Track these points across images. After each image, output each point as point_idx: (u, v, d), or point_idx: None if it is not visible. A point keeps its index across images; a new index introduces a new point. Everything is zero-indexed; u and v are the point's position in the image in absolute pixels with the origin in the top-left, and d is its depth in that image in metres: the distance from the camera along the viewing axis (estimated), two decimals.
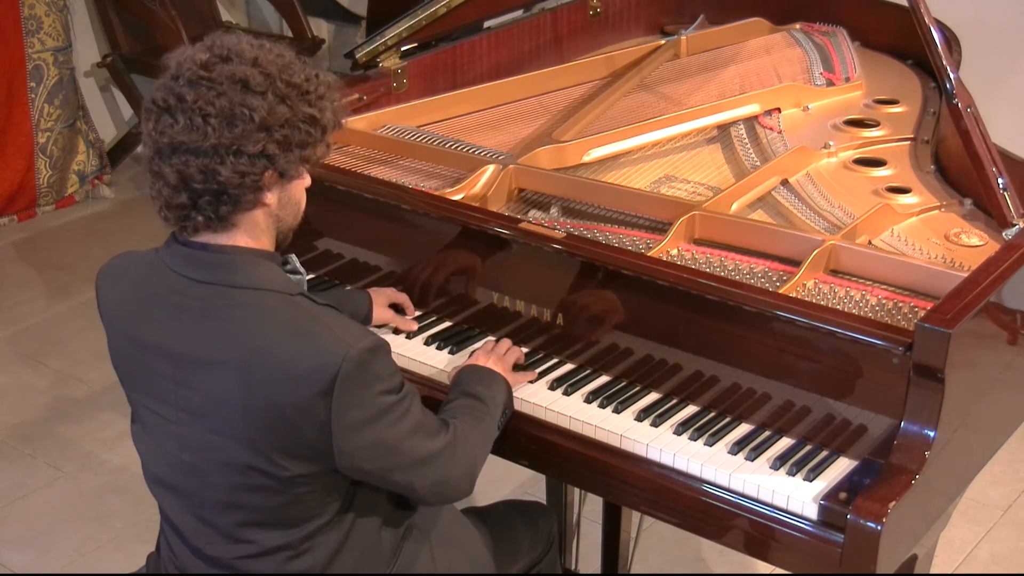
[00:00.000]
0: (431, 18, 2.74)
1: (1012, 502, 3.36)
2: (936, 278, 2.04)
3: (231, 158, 1.70)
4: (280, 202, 1.79)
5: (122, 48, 5.12)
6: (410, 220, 2.30)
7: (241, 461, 1.76)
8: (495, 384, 2.03)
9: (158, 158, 1.73)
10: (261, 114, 1.70)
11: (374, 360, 1.74)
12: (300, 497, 1.80)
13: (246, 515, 1.82)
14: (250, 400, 1.72)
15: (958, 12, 3.19)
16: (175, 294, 1.78)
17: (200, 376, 1.76)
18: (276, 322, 1.74)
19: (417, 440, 1.81)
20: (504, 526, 2.20)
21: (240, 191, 1.73)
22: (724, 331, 2.01)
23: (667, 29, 3.26)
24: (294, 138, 1.74)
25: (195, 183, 1.71)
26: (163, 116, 1.72)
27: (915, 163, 2.54)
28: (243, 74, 1.71)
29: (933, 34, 2.31)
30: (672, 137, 2.62)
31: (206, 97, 1.69)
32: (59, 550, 3.18)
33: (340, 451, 1.75)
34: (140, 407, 1.88)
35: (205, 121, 1.69)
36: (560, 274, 2.16)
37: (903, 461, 1.83)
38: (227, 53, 1.73)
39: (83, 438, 3.61)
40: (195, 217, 1.75)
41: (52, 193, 4.96)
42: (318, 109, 1.77)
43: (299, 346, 1.71)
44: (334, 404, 1.70)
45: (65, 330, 4.19)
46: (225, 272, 1.76)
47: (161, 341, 1.79)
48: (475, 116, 2.72)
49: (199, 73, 1.71)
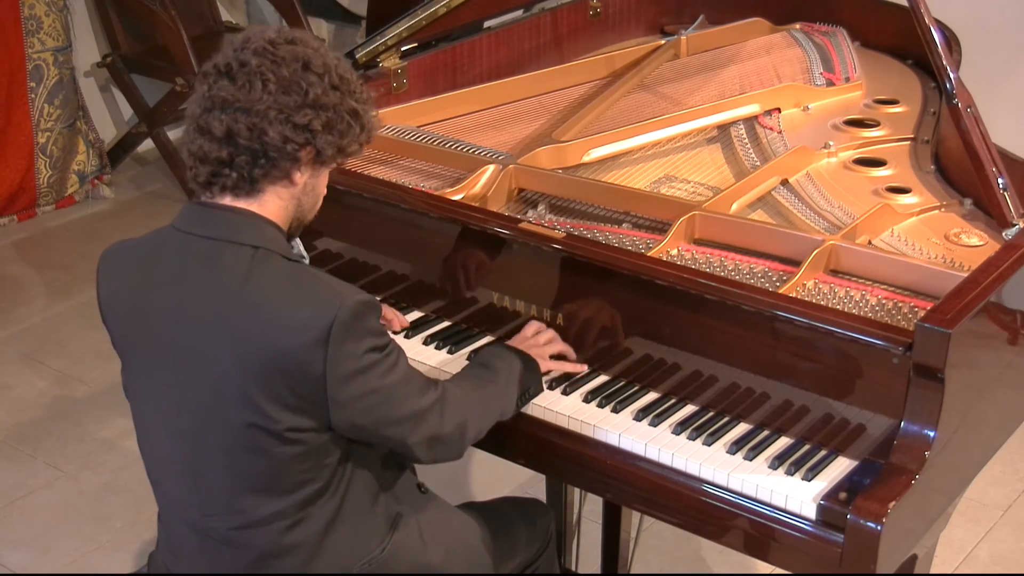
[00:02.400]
0: (431, 18, 2.74)
1: (1012, 502, 3.36)
2: (936, 278, 2.04)
3: (278, 124, 1.81)
4: (305, 188, 1.89)
5: (122, 48, 5.12)
6: (410, 220, 2.30)
7: (238, 419, 1.80)
8: (510, 359, 2.05)
9: (207, 114, 1.83)
10: (315, 92, 1.82)
11: (368, 313, 1.80)
12: (296, 458, 1.83)
13: (241, 480, 1.85)
14: (245, 352, 1.77)
15: (958, 12, 3.19)
16: (180, 253, 1.86)
17: (198, 334, 1.81)
18: (274, 276, 1.81)
19: (408, 391, 1.86)
20: (502, 522, 2.21)
21: (279, 156, 1.82)
22: (723, 331, 2.01)
23: (667, 29, 3.26)
24: (337, 124, 1.85)
25: (240, 138, 1.80)
26: (221, 79, 1.83)
27: (915, 163, 2.54)
28: (306, 56, 1.84)
29: (933, 34, 2.31)
30: (672, 137, 2.62)
31: (268, 65, 1.81)
32: (59, 550, 3.18)
33: (334, 402, 1.79)
34: (144, 383, 1.91)
35: (264, 85, 1.80)
36: (560, 274, 2.16)
37: (903, 461, 1.83)
38: (293, 38, 1.87)
39: (83, 438, 3.61)
40: (228, 174, 1.83)
41: (52, 193, 4.96)
42: (362, 107, 1.90)
43: (295, 297, 1.78)
44: (329, 353, 1.76)
45: (65, 330, 4.19)
46: (230, 229, 1.84)
47: (164, 303, 1.85)
48: (475, 116, 2.72)
49: (265, 47, 1.83)
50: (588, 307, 2.15)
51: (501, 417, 2.02)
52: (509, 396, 2.03)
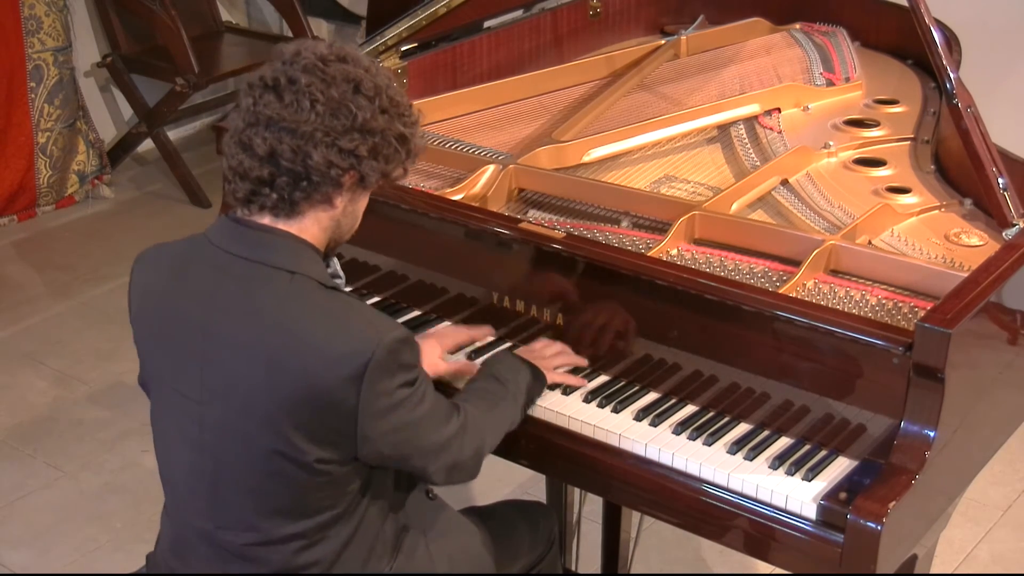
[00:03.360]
0: (431, 18, 2.74)
1: (1012, 502, 3.36)
2: (936, 278, 2.04)
3: (323, 147, 1.76)
4: (345, 210, 1.84)
5: (122, 48, 5.11)
6: (410, 220, 2.30)
7: (264, 444, 1.77)
8: (519, 370, 2.04)
9: (251, 129, 1.77)
10: (364, 116, 1.77)
11: (404, 350, 1.78)
12: (319, 486, 1.81)
13: (261, 501, 1.82)
14: (278, 380, 1.74)
15: (958, 12, 3.19)
16: (215, 269, 1.81)
17: (229, 354, 1.78)
18: (309, 305, 1.77)
19: (434, 423, 1.85)
20: (505, 526, 2.20)
21: (321, 181, 1.78)
22: (723, 331, 2.01)
23: (667, 29, 3.26)
24: (383, 150, 1.81)
25: (283, 159, 1.75)
26: (268, 93, 1.77)
27: (915, 163, 2.54)
28: (357, 76, 1.78)
29: (933, 34, 2.31)
30: (672, 137, 2.62)
31: (318, 85, 1.76)
32: (59, 550, 3.18)
33: (364, 437, 1.77)
34: (164, 388, 1.88)
35: (312, 105, 1.75)
36: (560, 274, 2.16)
37: (903, 461, 1.83)
38: (344, 55, 1.81)
39: (83, 438, 3.61)
40: (268, 194, 1.78)
41: (52, 193, 4.96)
42: (410, 131, 1.85)
43: (332, 330, 1.75)
44: (363, 390, 1.73)
45: (65, 330, 4.18)
46: (267, 251, 1.79)
47: (195, 315, 1.81)
48: (475, 116, 2.72)
49: (316, 64, 1.78)
50: (588, 307, 2.14)
51: (510, 428, 2.02)
52: (518, 409, 2.02)
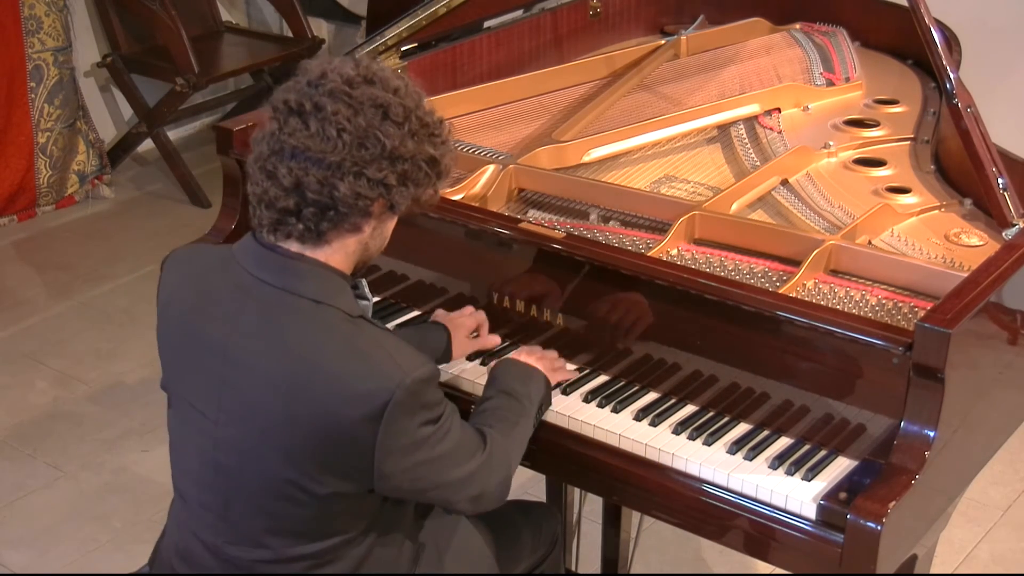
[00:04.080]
0: (431, 18, 2.74)
1: (1012, 502, 3.36)
2: (936, 278, 2.04)
3: (350, 178, 1.70)
4: (373, 234, 1.80)
5: (122, 48, 5.11)
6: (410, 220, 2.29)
7: (278, 472, 1.75)
8: (532, 381, 2.02)
9: (275, 157, 1.72)
10: (393, 143, 1.72)
11: (426, 390, 1.74)
12: (332, 513, 1.79)
13: (274, 522, 1.80)
14: (295, 412, 1.71)
15: (958, 12, 3.19)
16: (239, 291, 1.78)
17: (248, 380, 1.75)
18: (333, 338, 1.73)
19: (457, 459, 1.80)
20: (507, 527, 2.20)
21: (349, 211, 1.73)
22: (723, 331, 2.01)
23: (667, 29, 3.26)
24: (413, 175, 1.76)
25: (310, 191, 1.70)
26: (292, 118, 1.72)
27: (915, 163, 2.54)
28: (385, 101, 1.72)
29: (933, 34, 2.31)
30: (672, 137, 2.62)
31: (345, 113, 1.70)
32: (59, 550, 3.18)
33: (381, 474, 1.74)
34: (180, 400, 1.87)
35: (339, 135, 1.69)
36: (559, 274, 2.16)
37: (903, 461, 1.83)
38: (372, 76, 1.74)
39: (83, 438, 3.61)
40: (294, 224, 1.73)
41: (52, 193, 4.96)
42: (440, 153, 1.79)
43: (353, 366, 1.70)
44: (381, 429, 1.69)
45: (65, 330, 4.18)
46: (293, 278, 1.75)
47: (216, 336, 1.78)
48: (475, 116, 2.72)
49: (343, 88, 1.71)
50: (588, 307, 2.14)
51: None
52: (533, 421, 2.00)
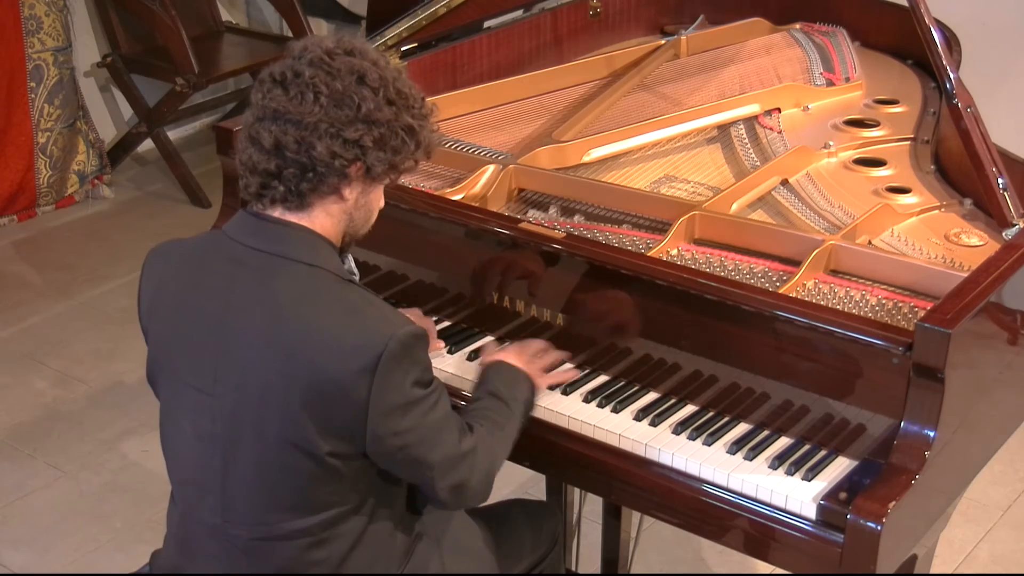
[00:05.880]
0: (431, 18, 2.74)
1: (1012, 502, 3.36)
2: (936, 278, 2.04)
3: (328, 138, 1.77)
4: (357, 203, 1.86)
5: (122, 48, 5.11)
6: (410, 220, 2.30)
7: (277, 434, 1.78)
8: (519, 385, 2.03)
9: (258, 123, 1.80)
10: (368, 106, 1.78)
11: (417, 346, 1.78)
12: (328, 480, 1.81)
13: (270, 494, 1.83)
14: (292, 370, 1.75)
15: (958, 12, 3.19)
16: (231, 261, 1.83)
17: (244, 345, 1.79)
18: (326, 297, 1.78)
19: (445, 435, 1.84)
20: (508, 525, 2.20)
21: (327, 171, 1.79)
22: (723, 331, 2.01)
23: (667, 29, 3.26)
24: (390, 140, 1.81)
25: (288, 151, 1.77)
26: (275, 88, 1.80)
27: (915, 163, 2.54)
28: (362, 68, 1.80)
29: (933, 34, 2.31)
30: (672, 137, 2.62)
31: (322, 77, 1.78)
32: (59, 550, 3.18)
33: (373, 435, 1.77)
34: (174, 382, 1.89)
35: (316, 97, 1.77)
36: (559, 274, 2.16)
37: (903, 461, 1.83)
38: (352, 48, 1.83)
39: (83, 438, 3.61)
40: (276, 187, 1.80)
41: (52, 193, 4.96)
42: (418, 123, 1.85)
43: (347, 322, 1.76)
44: (375, 384, 1.74)
45: (65, 330, 4.18)
46: (283, 244, 1.81)
47: (211, 309, 1.82)
48: (475, 116, 2.72)
49: (322, 57, 1.80)
50: (588, 307, 2.14)
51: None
52: (519, 425, 2.00)
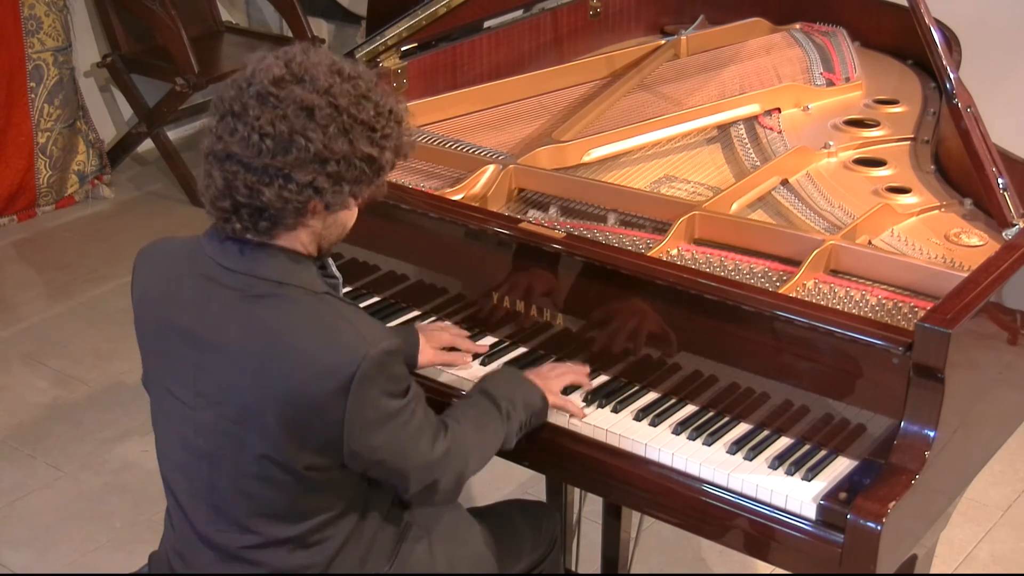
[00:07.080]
0: (431, 18, 2.74)
1: (1012, 502, 3.36)
2: (936, 278, 2.04)
3: (279, 181, 1.71)
4: (325, 224, 1.81)
5: (122, 48, 5.11)
6: (410, 220, 2.30)
7: (254, 450, 1.78)
8: (519, 390, 2.01)
9: (212, 158, 1.74)
10: (318, 146, 1.70)
11: (392, 362, 1.76)
12: (311, 489, 1.81)
13: (256, 505, 1.83)
14: (267, 386, 1.74)
15: (958, 12, 3.19)
16: (205, 280, 1.81)
17: (220, 362, 1.78)
18: (299, 316, 1.76)
19: (421, 444, 1.83)
20: (507, 525, 2.20)
21: (281, 214, 1.74)
22: (723, 331, 2.01)
23: (667, 29, 3.26)
24: (347, 175, 1.74)
25: (239, 195, 1.72)
26: (226, 118, 1.73)
27: (915, 163, 2.54)
28: (311, 102, 1.70)
29: (933, 34, 2.31)
30: (672, 137, 2.62)
31: (268, 116, 1.69)
32: (59, 550, 3.18)
33: (350, 450, 1.77)
34: (161, 390, 1.90)
35: (261, 139, 1.69)
36: (559, 274, 2.16)
37: (903, 461, 1.83)
38: (303, 74, 1.72)
39: (83, 438, 3.61)
40: (235, 222, 1.76)
41: (52, 193, 4.96)
42: (379, 149, 1.76)
43: (320, 341, 1.73)
44: (349, 402, 1.72)
45: (65, 330, 4.18)
46: (256, 264, 1.78)
47: (186, 324, 1.81)
48: (475, 116, 2.72)
49: (268, 88, 1.71)
50: (588, 307, 2.14)
51: (501, 448, 1.99)
52: (509, 430, 1.98)
